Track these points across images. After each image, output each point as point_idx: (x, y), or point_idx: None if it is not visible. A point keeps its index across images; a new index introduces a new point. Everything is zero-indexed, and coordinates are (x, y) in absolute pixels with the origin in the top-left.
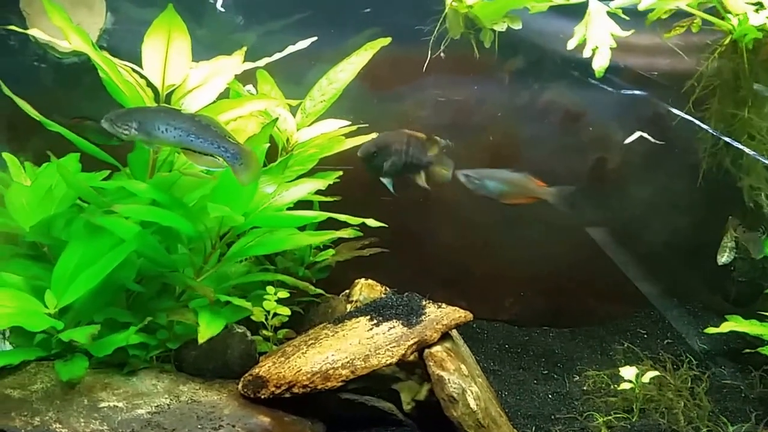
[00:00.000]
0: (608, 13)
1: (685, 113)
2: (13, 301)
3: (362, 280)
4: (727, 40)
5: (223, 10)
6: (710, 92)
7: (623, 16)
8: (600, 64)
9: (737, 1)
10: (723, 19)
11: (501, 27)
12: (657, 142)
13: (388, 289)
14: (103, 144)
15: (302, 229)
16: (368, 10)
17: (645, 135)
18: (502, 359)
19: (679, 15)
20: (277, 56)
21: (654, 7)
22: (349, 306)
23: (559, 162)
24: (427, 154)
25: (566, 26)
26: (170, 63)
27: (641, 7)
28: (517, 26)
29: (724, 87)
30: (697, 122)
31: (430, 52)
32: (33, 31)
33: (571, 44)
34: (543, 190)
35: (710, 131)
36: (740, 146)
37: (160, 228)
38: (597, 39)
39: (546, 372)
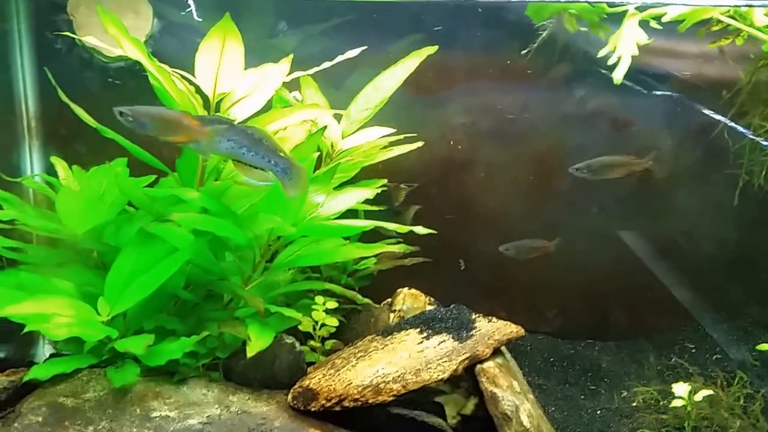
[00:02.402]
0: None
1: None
2: (70, 309)
3: (405, 290)
4: None
5: (201, 20)
6: (750, 104)
7: (655, 25)
8: (621, 72)
9: (759, 14)
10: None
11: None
12: None
13: (431, 299)
14: None
15: (347, 237)
16: (439, 27)
17: None
18: (548, 373)
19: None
20: (326, 65)
21: (683, 18)
22: (392, 315)
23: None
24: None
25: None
26: (223, 72)
27: (665, 19)
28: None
29: (759, 99)
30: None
31: (528, 59)
32: (87, 38)
33: (602, 52)
34: (198, 129)
35: (756, 139)
36: None
37: (211, 236)
38: (624, 49)
39: (593, 387)
